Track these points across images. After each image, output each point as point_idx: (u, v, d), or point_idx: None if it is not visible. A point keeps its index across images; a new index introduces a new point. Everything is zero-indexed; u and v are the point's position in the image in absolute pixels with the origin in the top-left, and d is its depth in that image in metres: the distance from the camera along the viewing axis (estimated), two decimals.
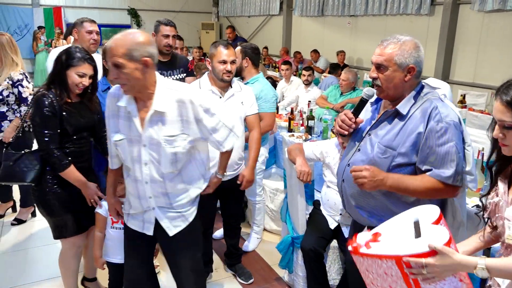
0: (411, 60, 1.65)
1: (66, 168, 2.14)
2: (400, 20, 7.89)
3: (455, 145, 1.62)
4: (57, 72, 2.16)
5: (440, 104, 1.67)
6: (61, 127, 2.13)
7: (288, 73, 6.03)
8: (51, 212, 2.27)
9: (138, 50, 1.66)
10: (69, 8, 13.16)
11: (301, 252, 2.57)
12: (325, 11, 9.55)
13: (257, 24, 12.75)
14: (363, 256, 1.32)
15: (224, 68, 2.49)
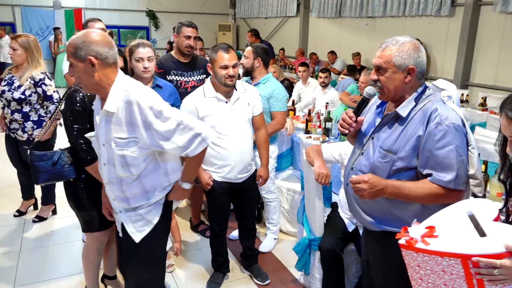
0: (411, 61, 1.64)
1: (91, 163, 2.17)
2: (419, 21, 7.79)
3: (455, 148, 1.57)
4: None
5: (440, 106, 1.63)
6: (90, 122, 2.17)
7: (305, 74, 6.02)
8: (80, 206, 2.33)
9: (83, 49, 1.65)
10: (89, 10, 13.40)
11: (318, 254, 2.56)
12: (342, 12, 9.50)
13: (274, 25, 12.76)
14: (419, 252, 1.27)
15: (226, 73, 2.46)
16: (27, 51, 3.25)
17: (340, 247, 2.49)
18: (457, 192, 1.61)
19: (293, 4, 11.43)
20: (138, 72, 2.67)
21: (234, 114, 2.56)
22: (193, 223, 3.65)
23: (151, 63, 2.65)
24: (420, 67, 1.66)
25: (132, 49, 2.63)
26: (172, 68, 3.16)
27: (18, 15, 12.62)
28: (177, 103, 2.83)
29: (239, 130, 2.58)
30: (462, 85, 6.90)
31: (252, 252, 3.02)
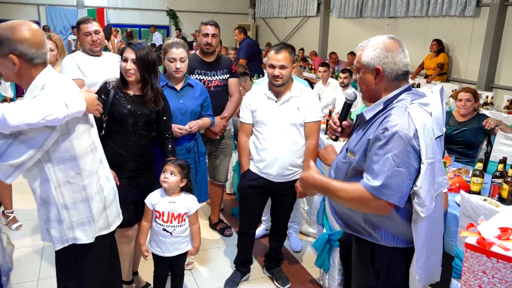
0: (376, 60, 1.58)
1: None
2: (443, 22, 7.65)
3: (392, 157, 1.46)
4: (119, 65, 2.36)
5: (398, 112, 1.52)
6: (110, 113, 2.29)
7: (325, 75, 5.98)
8: None
9: (6, 46, 1.52)
10: (111, 9, 13.62)
11: (337, 254, 2.55)
12: (363, 12, 9.40)
13: (294, 25, 12.72)
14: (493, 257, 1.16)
15: (272, 72, 2.47)
16: (58, 50, 3.33)
17: None
18: (380, 201, 1.50)
19: (314, 4, 11.37)
20: (170, 72, 2.69)
21: (280, 114, 2.54)
22: (212, 221, 3.67)
23: (183, 63, 2.67)
24: (390, 68, 1.57)
25: (166, 49, 2.66)
26: (195, 68, 3.19)
27: (43, 14, 12.93)
28: (206, 101, 2.87)
29: (282, 132, 2.55)
30: (486, 87, 6.75)
31: (278, 255, 2.96)
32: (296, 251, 3.35)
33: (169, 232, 2.38)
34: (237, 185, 3.99)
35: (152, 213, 2.40)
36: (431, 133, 1.52)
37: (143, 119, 2.34)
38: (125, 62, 2.27)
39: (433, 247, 1.65)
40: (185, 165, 2.41)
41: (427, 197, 1.48)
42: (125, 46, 2.31)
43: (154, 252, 2.43)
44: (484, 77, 6.82)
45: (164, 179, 2.34)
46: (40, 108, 1.48)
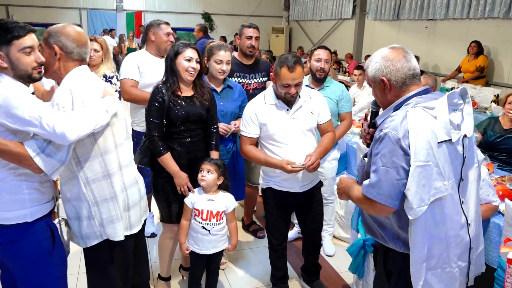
0: (379, 73, 1.63)
1: (161, 155, 2.35)
2: (485, 24, 7.37)
3: (380, 157, 1.52)
4: (168, 66, 2.39)
5: (398, 114, 1.55)
6: (167, 117, 2.34)
7: (361, 78, 5.89)
8: (157, 196, 2.53)
9: (54, 37, 1.75)
10: (148, 13, 14.01)
11: (372, 258, 2.51)
12: (401, 14, 9.20)
13: (328, 28, 12.62)
14: None
15: (287, 91, 2.33)
16: (103, 52, 3.48)
17: None
18: (371, 201, 1.55)
19: (349, 6, 11.25)
20: (214, 73, 2.71)
21: (295, 123, 2.42)
22: (245, 222, 3.70)
23: (228, 66, 2.72)
24: (394, 76, 1.61)
25: (213, 50, 2.69)
26: (235, 70, 3.24)
27: (84, 18, 13.47)
28: (244, 103, 2.89)
29: (299, 139, 2.44)
30: None
31: (316, 267, 2.86)
32: (330, 255, 3.32)
33: (207, 230, 2.43)
34: None
35: (191, 212, 2.45)
36: (430, 135, 1.50)
37: (198, 118, 2.42)
38: (189, 62, 2.33)
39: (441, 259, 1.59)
40: (221, 163, 2.45)
41: (414, 199, 1.48)
42: (182, 46, 2.35)
43: (192, 249, 2.50)
44: None
45: (201, 178, 2.39)
46: (90, 119, 1.66)
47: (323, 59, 3.04)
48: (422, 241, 1.56)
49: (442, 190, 1.53)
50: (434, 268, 1.60)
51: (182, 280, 2.90)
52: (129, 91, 3.04)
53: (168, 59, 2.39)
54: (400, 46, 1.66)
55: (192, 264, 2.60)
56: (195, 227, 2.45)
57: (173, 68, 2.36)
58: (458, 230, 1.62)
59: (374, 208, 1.58)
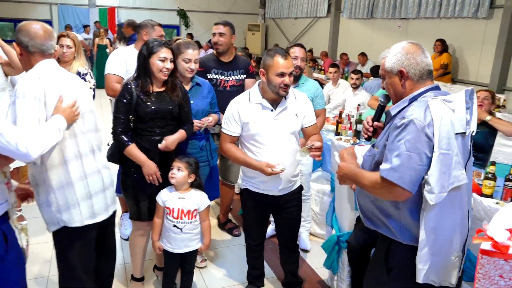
0: (399, 64, 1.68)
1: (126, 147, 2.32)
2: (455, 23, 7.58)
3: (404, 142, 1.55)
4: (141, 64, 2.35)
5: (417, 105, 1.61)
6: (135, 113, 2.32)
7: (336, 76, 5.96)
8: (126, 193, 2.51)
9: (17, 34, 1.86)
10: (122, 9, 13.73)
11: (346, 254, 2.55)
12: (374, 13, 9.35)
13: (304, 26, 12.70)
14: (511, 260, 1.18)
15: (282, 81, 2.23)
16: (76, 48, 3.40)
17: (368, 244, 2.47)
18: (389, 185, 1.57)
19: (324, 5, 11.35)
20: (182, 71, 2.66)
21: (278, 124, 2.34)
22: (221, 221, 3.68)
23: (196, 65, 2.69)
24: (413, 68, 1.66)
25: (181, 49, 2.63)
26: (212, 67, 3.25)
27: (55, 13, 13.07)
28: (214, 99, 2.88)
29: (280, 141, 2.35)
30: (498, 89, 6.67)
31: (296, 279, 2.77)
32: (306, 250, 3.35)
33: (179, 228, 2.41)
34: None
35: (163, 210, 2.43)
36: (450, 126, 1.55)
37: (167, 114, 2.39)
38: (163, 62, 2.31)
39: (445, 247, 1.65)
40: (193, 161, 2.43)
41: (436, 185, 1.53)
42: (157, 46, 2.31)
43: (165, 248, 2.47)
44: (496, 79, 6.74)
45: (171, 175, 2.37)
46: (46, 137, 1.70)
47: (299, 57, 3.05)
48: (433, 228, 1.61)
49: (460, 178, 1.58)
50: (440, 255, 1.64)
51: (156, 280, 2.86)
52: (113, 87, 3.04)
53: (141, 58, 2.34)
54: (417, 42, 1.71)
55: (166, 263, 2.57)
56: (167, 225, 2.43)
57: (146, 67, 2.33)
58: (464, 220, 1.68)
59: (392, 192, 1.59)
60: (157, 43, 2.32)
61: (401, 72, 1.68)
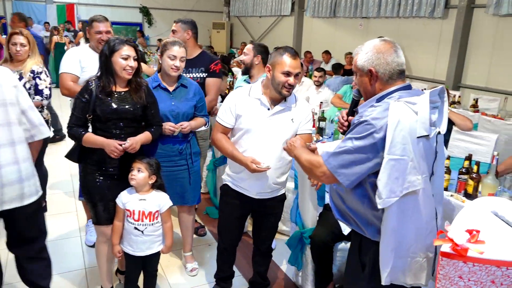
0: (369, 63, 1.67)
1: (82, 136, 2.26)
2: (413, 22, 7.84)
3: (352, 139, 1.58)
4: (103, 63, 2.28)
5: (382, 105, 1.60)
6: (94, 112, 2.26)
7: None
8: (85, 196, 2.44)
9: None
10: (82, 5, 13.30)
11: (310, 249, 2.58)
12: (337, 12, 9.52)
13: (268, 24, 12.76)
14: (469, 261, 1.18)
15: (286, 81, 2.17)
16: (30, 46, 3.29)
17: (331, 240, 2.52)
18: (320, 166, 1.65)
19: (288, 3, 11.45)
20: (166, 69, 2.58)
21: (270, 124, 2.25)
22: None
23: (182, 63, 2.60)
24: (382, 69, 1.65)
25: (167, 46, 2.58)
26: None
27: (9, 9, 12.46)
28: (201, 102, 2.77)
29: (269, 143, 2.26)
30: (454, 86, 6.97)
31: (264, 281, 2.73)
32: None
33: (140, 230, 2.35)
34: (211, 184, 3.99)
35: (124, 212, 2.36)
36: (407, 131, 1.53)
37: (128, 115, 2.31)
38: (126, 60, 2.24)
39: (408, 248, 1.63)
40: (154, 162, 2.37)
41: (384, 189, 1.54)
42: (119, 43, 2.24)
43: (126, 251, 2.41)
44: (452, 76, 7.03)
45: (131, 176, 2.31)
46: None
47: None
48: (392, 230, 1.60)
49: (415, 184, 1.57)
50: (404, 256, 1.63)
51: (119, 283, 2.79)
52: (68, 86, 2.93)
53: (102, 57, 2.27)
54: (391, 40, 1.70)
55: (127, 267, 2.51)
56: (128, 228, 2.37)
57: (108, 66, 2.25)
58: (429, 222, 1.66)
59: (321, 175, 1.66)
60: (118, 41, 2.24)
61: (370, 71, 1.67)
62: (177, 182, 2.73)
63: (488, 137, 3.76)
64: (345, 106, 4.49)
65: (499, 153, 2.54)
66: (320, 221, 2.65)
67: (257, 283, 2.73)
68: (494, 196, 2.12)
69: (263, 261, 2.68)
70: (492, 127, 4.74)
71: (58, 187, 4.18)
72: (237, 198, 2.41)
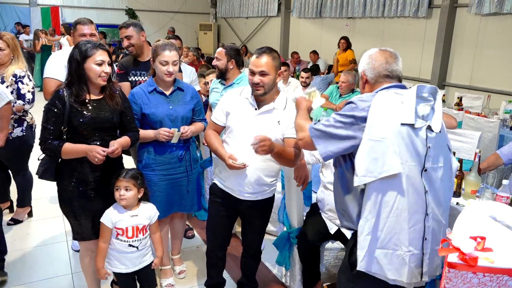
0: (361, 67, 1.87)
1: (61, 148, 2.09)
2: (398, 22, 7.92)
3: (337, 114, 1.73)
4: (74, 70, 2.11)
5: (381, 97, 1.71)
6: (70, 124, 2.11)
7: (286, 74, 6.04)
8: (65, 211, 2.29)
9: None
10: (66, 8, 13.16)
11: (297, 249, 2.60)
12: (323, 12, 9.58)
13: (255, 25, 12.77)
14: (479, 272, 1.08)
15: (251, 79, 2.19)
16: (11, 50, 3.25)
17: (318, 239, 2.53)
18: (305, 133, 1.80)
19: (274, 4, 11.48)
20: (160, 75, 2.50)
21: (256, 123, 2.24)
22: None
23: (175, 67, 2.50)
24: (370, 73, 1.82)
25: (157, 51, 2.46)
26: (131, 69, 3.10)
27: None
28: (199, 106, 2.71)
29: None
30: (439, 85, 7.05)
31: (252, 283, 2.70)
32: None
33: (135, 246, 2.27)
34: None
35: (111, 232, 2.25)
36: (389, 115, 1.62)
37: (107, 124, 2.19)
38: (100, 66, 2.10)
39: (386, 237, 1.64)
40: (138, 174, 2.27)
41: (359, 168, 1.62)
42: (91, 48, 2.09)
43: (118, 271, 2.30)
44: (437, 75, 7.12)
45: (120, 197, 2.19)
46: None
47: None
48: (369, 212, 1.63)
49: (395, 167, 1.60)
50: (385, 247, 1.65)
51: None
52: (52, 92, 2.82)
53: (73, 63, 2.10)
54: (389, 49, 1.84)
55: (123, 285, 2.39)
56: (119, 247, 2.26)
57: (80, 74, 2.09)
58: (414, 215, 1.65)
59: (301, 138, 1.84)
60: (90, 46, 2.10)
61: (362, 75, 1.86)
62: (175, 190, 2.67)
63: (471, 135, 3.82)
64: (331, 107, 4.53)
65: (481, 150, 2.58)
66: (307, 221, 2.66)
67: (245, 284, 2.71)
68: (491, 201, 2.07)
69: (251, 263, 2.65)
70: (475, 125, 4.81)
71: (43, 192, 4.14)
72: (223, 197, 2.39)
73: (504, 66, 6.17)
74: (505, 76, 6.18)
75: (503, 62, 6.19)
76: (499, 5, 5.94)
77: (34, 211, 3.79)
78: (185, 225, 3.11)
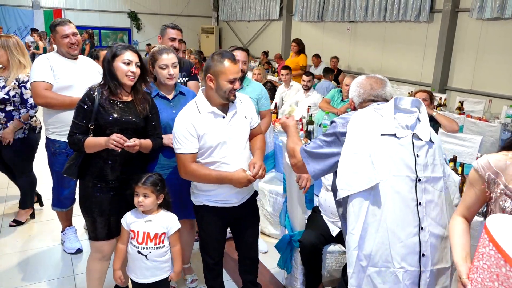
0: (350, 95, 1.99)
1: (84, 142, 2.17)
2: (399, 26, 7.95)
3: (323, 134, 1.83)
4: (106, 69, 2.21)
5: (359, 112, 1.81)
6: (96, 122, 2.19)
7: (287, 78, 6.06)
8: (82, 210, 2.32)
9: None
10: (69, 11, 13.22)
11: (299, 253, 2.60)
12: (324, 16, 9.61)
13: (257, 28, 12.81)
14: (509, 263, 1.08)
15: (233, 87, 2.12)
16: (7, 52, 3.22)
17: (320, 242, 2.54)
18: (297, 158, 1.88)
19: (276, 8, 11.52)
20: (162, 79, 2.48)
21: (232, 131, 2.18)
22: None
23: (175, 69, 2.49)
24: (356, 100, 1.94)
25: (155, 56, 2.47)
26: None
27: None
28: None
29: (237, 148, 2.21)
30: (440, 89, 7.07)
31: (255, 286, 2.59)
32: (263, 252, 3.36)
33: (144, 255, 2.18)
34: None
35: (128, 234, 2.21)
36: (367, 129, 1.68)
37: (130, 126, 2.22)
38: (128, 65, 2.18)
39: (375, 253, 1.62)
40: (158, 179, 2.21)
41: (339, 182, 1.69)
42: (121, 49, 2.18)
43: (131, 277, 2.26)
44: (438, 79, 7.14)
45: (139, 204, 2.16)
46: None
47: (240, 60, 2.98)
48: (354, 226, 1.63)
49: (372, 179, 1.61)
50: (376, 265, 1.61)
51: None
52: (43, 94, 2.77)
53: (105, 62, 2.21)
54: (376, 76, 1.96)
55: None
56: (131, 251, 2.20)
57: (111, 72, 2.19)
58: (405, 228, 1.60)
59: (293, 164, 1.93)
60: (121, 46, 2.21)
61: (350, 102, 1.99)
62: (180, 194, 2.55)
63: (473, 139, 3.83)
64: (333, 111, 4.54)
65: (482, 155, 2.58)
66: (309, 224, 2.67)
67: None
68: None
69: (251, 268, 2.54)
70: (477, 129, 4.81)
71: (47, 194, 4.14)
72: (218, 213, 2.29)
73: (506, 70, 6.19)
74: (506, 80, 6.19)
75: (505, 66, 6.21)
76: (500, 10, 5.97)
77: (36, 212, 3.80)
78: (195, 235, 3.03)
